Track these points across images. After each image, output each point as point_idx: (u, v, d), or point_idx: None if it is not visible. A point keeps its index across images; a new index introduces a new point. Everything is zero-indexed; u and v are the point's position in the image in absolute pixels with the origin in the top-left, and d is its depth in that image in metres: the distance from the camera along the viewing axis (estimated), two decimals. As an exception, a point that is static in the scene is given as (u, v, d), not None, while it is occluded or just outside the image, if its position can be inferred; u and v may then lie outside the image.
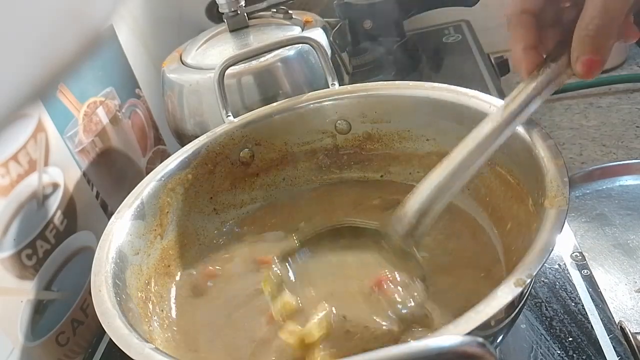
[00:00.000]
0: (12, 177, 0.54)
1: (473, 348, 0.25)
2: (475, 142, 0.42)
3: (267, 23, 0.76)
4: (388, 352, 0.25)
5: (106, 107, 0.72)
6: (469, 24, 1.07)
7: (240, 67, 0.63)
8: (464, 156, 0.42)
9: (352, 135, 0.60)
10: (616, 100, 0.90)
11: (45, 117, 0.60)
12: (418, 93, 0.54)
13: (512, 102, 0.42)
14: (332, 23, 0.82)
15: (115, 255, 0.46)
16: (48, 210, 0.59)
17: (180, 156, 0.56)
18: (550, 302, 0.49)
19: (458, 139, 0.53)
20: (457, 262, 0.48)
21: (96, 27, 0.17)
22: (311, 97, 0.59)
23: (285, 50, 0.65)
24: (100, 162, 0.69)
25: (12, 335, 0.52)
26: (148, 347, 0.36)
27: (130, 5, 0.86)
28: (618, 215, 0.65)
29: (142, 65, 0.85)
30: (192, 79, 0.67)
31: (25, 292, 0.55)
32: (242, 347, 0.46)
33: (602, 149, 0.80)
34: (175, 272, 0.53)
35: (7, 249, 0.53)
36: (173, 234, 0.54)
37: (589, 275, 0.50)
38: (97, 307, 0.40)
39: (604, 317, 0.46)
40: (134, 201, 0.51)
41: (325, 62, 0.60)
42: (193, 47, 0.74)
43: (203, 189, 0.57)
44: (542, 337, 0.46)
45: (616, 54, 0.97)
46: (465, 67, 0.92)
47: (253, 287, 0.51)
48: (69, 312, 0.60)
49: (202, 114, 0.67)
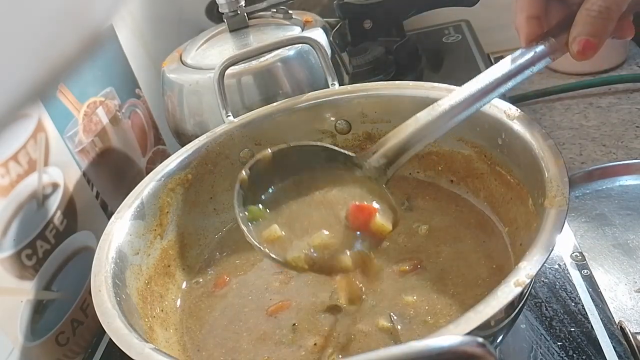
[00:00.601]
0: (12, 177, 0.54)
1: (473, 348, 0.25)
2: (466, 94, 0.42)
3: (267, 23, 0.76)
4: (388, 352, 0.25)
5: (106, 107, 0.72)
6: (469, 24, 1.07)
7: (240, 67, 0.63)
8: (453, 104, 0.43)
9: (352, 135, 0.60)
10: (616, 100, 0.90)
11: (45, 117, 0.60)
12: (418, 93, 0.55)
13: (511, 64, 0.42)
14: (332, 23, 0.82)
15: (115, 255, 0.46)
16: (48, 210, 0.59)
17: (180, 156, 0.56)
18: (550, 302, 0.49)
19: (458, 139, 0.53)
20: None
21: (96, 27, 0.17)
22: (311, 97, 0.59)
23: (285, 50, 0.65)
24: (100, 162, 0.69)
25: (11, 335, 0.52)
26: (148, 347, 0.36)
27: (130, 5, 0.86)
28: (618, 215, 0.65)
29: (142, 65, 0.85)
30: (192, 79, 0.67)
31: (25, 292, 0.55)
32: (243, 347, 0.46)
33: (602, 149, 0.80)
34: (175, 272, 0.53)
35: (7, 249, 0.53)
36: (173, 234, 0.54)
37: (589, 275, 0.50)
38: (97, 307, 0.40)
39: (604, 317, 0.46)
40: (134, 201, 0.51)
41: (325, 62, 0.60)
42: (193, 47, 0.74)
43: (203, 189, 0.57)
44: (542, 337, 0.46)
45: (616, 54, 0.97)
46: (465, 67, 0.92)
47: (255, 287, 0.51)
48: (69, 312, 0.60)
49: (202, 114, 0.67)
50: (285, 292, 0.50)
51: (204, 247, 0.57)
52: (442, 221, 0.53)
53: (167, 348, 0.46)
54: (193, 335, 0.48)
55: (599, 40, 0.40)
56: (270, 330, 0.46)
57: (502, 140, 0.48)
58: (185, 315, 0.50)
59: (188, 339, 0.48)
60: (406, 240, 0.52)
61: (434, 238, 0.51)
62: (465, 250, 0.49)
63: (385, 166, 0.45)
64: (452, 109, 0.43)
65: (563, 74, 1.00)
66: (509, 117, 0.47)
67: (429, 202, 0.56)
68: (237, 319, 0.48)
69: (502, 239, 0.49)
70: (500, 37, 1.11)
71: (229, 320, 0.49)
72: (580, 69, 0.98)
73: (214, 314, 0.50)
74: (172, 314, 0.50)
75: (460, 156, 0.54)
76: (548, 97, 0.95)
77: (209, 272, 0.54)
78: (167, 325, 0.48)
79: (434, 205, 0.55)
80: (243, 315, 0.49)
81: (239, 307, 0.50)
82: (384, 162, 0.45)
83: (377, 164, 0.45)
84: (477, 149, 0.52)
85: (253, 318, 0.48)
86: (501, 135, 0.48)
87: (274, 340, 0.45)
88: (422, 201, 0.56)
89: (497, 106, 0.48)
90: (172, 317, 0.50)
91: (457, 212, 0.53)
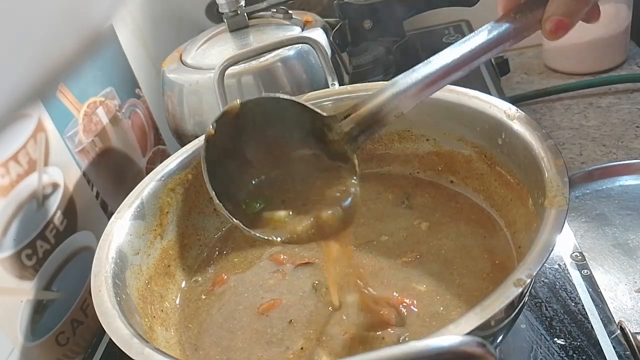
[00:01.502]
0: (12, 177, 0.54)
1: (473, 348, 0.25)
2: (439, 65, 0.42)
3: (267, 23, 0.76)
4: (388, 352, 0.25)
5: (106, 107, 0.72)
6: (469, 24, 1.07)
7: (240, 67, 0.63)
8: (426, 74, 0.41)
9: (352, 135, 0.60)
10: (616, 100, 0.90)
11: (45, 117, 0.60)
12: (418, 93, 0.54)
13: (481, 36, 0.42)
14: (332, 23, 0.82)
15: (115, 255, 0.46)
16: (48, 210, 0.59)
17: (180, 156, 0.56)
18: (550, 302, 0.49)
19: (458, 139, 0.53)
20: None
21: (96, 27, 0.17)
22: (311, 97, 0.59)
23: (285, 50, 0.65)
24: (100, 162, 0.69)
25: (11, 335, 0.52)
26: (148, 347, 0.36)
27: (130, 5, 0.86)
28: (618, 215, 0.65)
29: (142, 65, 0.85)
30: (192, 79, 0.67)
31: (25, 292, 0.55)
32: (238, 345, 0.46)
33: (602, 149, 0.80)
34: (175, 272, 0.53)
35: (7, 249, 0.53)
36: (173, 234, 0.54)
37: (589, 275, 0.50)
38: (97, 307, 0.40)
39: (604, 317, 0.46)
40: (134, 201, 0.51)
41: (325, 62, 0.60)
42: (193, 47, 0.74)
43: (203, 189, 0.57)
44: (542, 337, 0.46)
45: (616, 54, 0.97)
46: (465, 67, 0.92)
47: (251, 284, 0.51)
48: (69, 312, 0.60)
49: (202, 114, 0.67)
50: (278, 289, 0.50)
51: (204, 247, 0.57)
52: (442, 218, 0.53)
53: (167, 348, 0.46)
54: (191, 334, 0.48)
55: (571, 21, 0.40)
56: (262, 329, 0.46)
57: (502, 140, 0.48)
58: (184, 314, 0.50)
59: (186, 338, 0.48)
60: (407, 235, 0.52)
61: (436, 232, 0.51)
62: (468, 245, 0.49)
63: (357, 133, 0.43)
64: (425, 78, 0.41)
65: (563, 74, 1.00)
66: (509, 117, 0.47)
67: (428, 200, 0.56)
68: (232, 317, 0.48)
69: (504, 236, 0.49)
70: (500, 37, 1.11)
71: (224, 318, 0.49)
72: (580, 69, 0.98)
73: (211, 312, 0.50)
74: (172, 314, 0.50)
75: (460, 156, 0.54)
76: (548, 97, 0.95)
77: (208, 270, 0.54)
78: (167, 325, 0.48)
79: (434, 203, 0.55)
80: (237, 313, 0.49)
81: (235, 304, 0.50)
82: (355, 129, 0.43)
83: (347, 129, 0.43)
84: (477, 149, 0.52)
85: (246, 316, 0.48)
86: (501, 135, 0.48)
87: (265, 339, 0.45)
88: (421, 199, 0.56)
89: (497, 106, 0.48)
90: (172, 317, 0.50)
91: (458, 209, 0.53)
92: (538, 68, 1.05)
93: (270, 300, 0.49)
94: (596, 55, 0.96)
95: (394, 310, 0.44)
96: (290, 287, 0.50)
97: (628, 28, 0.95)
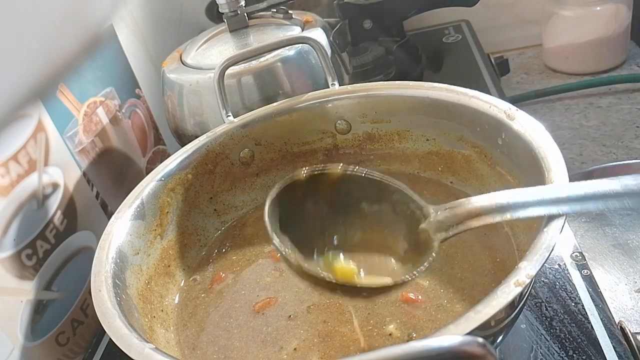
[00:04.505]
0: (12, 177, 0.54)
1: (473, 348, 0.25)
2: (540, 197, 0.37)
3: (267, 23, 0.76)
4: (388, 352, 0.25)
5: (106, 107, 0.72)
6: (469, 24, 1.07)
7: (240, 67, 0.63)
8: (527, 198, 0.38)
9: (352, 135, 0.60)
10: (616, 100, 0.90)
11: (45, 117, 0.60)
12: (418, 93, 0.55)
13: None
14: (332, 23, 0.82)
15: (115, 255, 0.46)
16: (48, 210, 0.59)
17: (180, 156, 0.56)
18: (550, 302, 0.49)
19: (458, 139, 0.53)
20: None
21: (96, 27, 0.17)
22: (311, 97, 0.59)
23: (285, 50, 0.65)
24: (100, 162, 0.69)
25: (12, 335, 0.52)
26: (148, 347, 0.36)
27: (130, 5, 0.86)
28: (618, 215, 0.65)
29: (142, 65, 0.85)
30: (192, 79, 0.67)
31: (25, 292, 0.55)
32: (235, 344, 0.46)
33: (602, 149, 0.80)
34: (175, 272, 0.53)
35: (7, 249, 0.53)
36: (173, 234, 0.54)
37: (589, 275, 0.50)
38: (97, 307, 0.40)
39: (604, 317, 0.46)
40: (134, 201, 0.51)
41: (325, 62, 0.60)
42: (193, 47, 0.74)
43: (203, 189, 0.57)
44: (542, 337, 0.46)
45: (616, 54, 0.97)
46: (465, 67, 0.92)
47: (249, 282, 0.51)
48: (69, 312, 0.60)
49: (202, 114, 0.67)
50: (274, 287, 0.50)
51: (204, 246, 0.57)
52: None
53: (167, 348, 0.46)
54: (189, 333, 0.48)
55: None
56: (258, 328, 0.46)
57: (502, 140, 0.48)
58: (183, 313, 0.50)
59: (184, 337, 0.48)
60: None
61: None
62: (468, 240, 0.49)
63: (451, 223, 0.41)
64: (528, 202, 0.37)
65: (563, 74, 1.00)
66: (509, 117, 0.47)
67: (428, 198, 0.56)
68: (228, 316, 0.48)
69: (505, 235, 0.49)
70: (500, 37, 1.11)
71: (220, 316, 0.49)
72: (580, 69, 0.98)
73: (208, 311, 0.50)
74: (172, 313, 0.50)
75: (460, 156, 0.54)
76: (548, 97, 0.95)
77: (207, 269, 0.54)
78: (167, 325, 0.48)
79: (433, 201, 0.55)
80: (234, 311, 0.49)
81: (231, 302, 0.50)
82: (451, 218, 0.41)
83: (443, 218, 0.42)
84: (477, 149, 0.52)
85: (242, 314, 0.48)
86: (501, 135, 0.48)
87: (261, 338, 0.45)
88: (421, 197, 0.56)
89: (497, 106, 0.48)
90: (173, 317, 0.50)
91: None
92: (538, 68, 1.05)
93: (266, 299, 0.49)
94: (596, 55, 0.96)
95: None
96: (286, 284, 0.50)
97: (628, 28, 0.95)
